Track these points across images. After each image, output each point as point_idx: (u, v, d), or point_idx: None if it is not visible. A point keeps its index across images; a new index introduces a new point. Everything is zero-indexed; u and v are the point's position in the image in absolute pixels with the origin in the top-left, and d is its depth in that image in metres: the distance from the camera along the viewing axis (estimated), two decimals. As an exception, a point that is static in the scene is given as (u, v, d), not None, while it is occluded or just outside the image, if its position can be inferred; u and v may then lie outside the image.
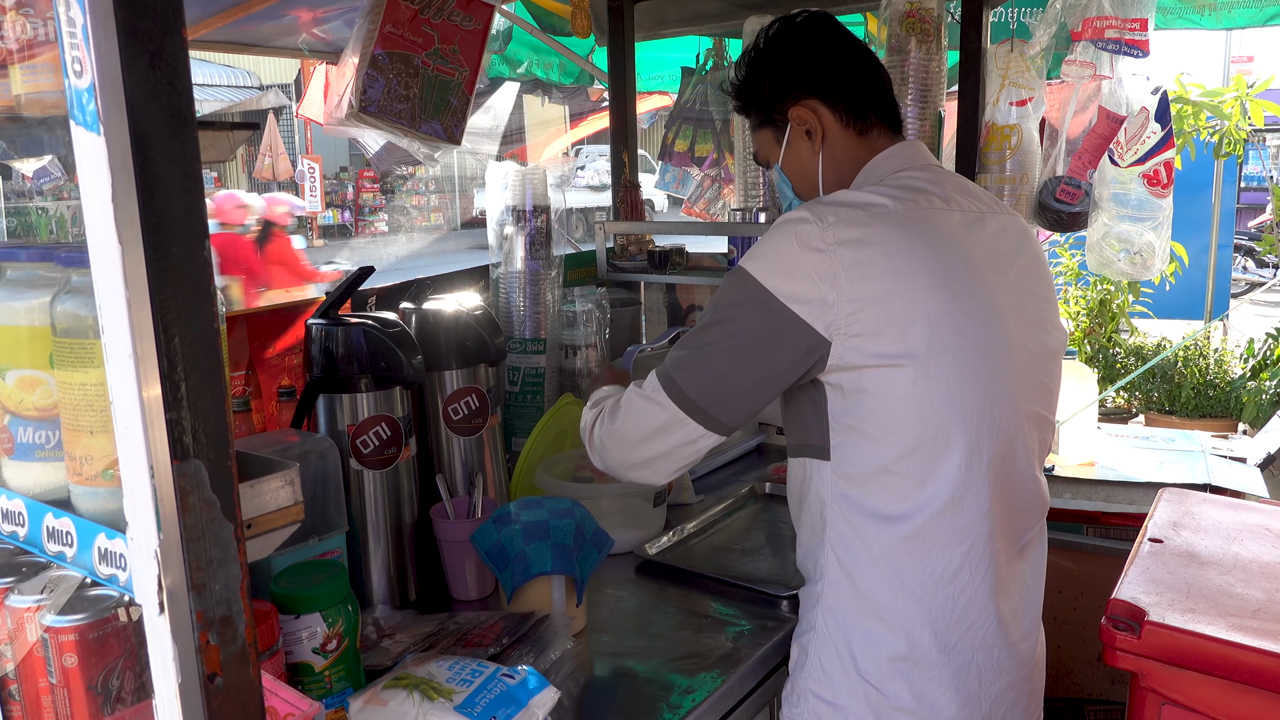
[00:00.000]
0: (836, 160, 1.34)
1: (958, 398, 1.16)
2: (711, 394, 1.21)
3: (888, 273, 1.14)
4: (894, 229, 1.17)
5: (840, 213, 1.17)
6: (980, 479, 1.19)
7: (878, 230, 1.16)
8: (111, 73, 0.60)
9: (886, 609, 1.21)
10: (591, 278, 2.39)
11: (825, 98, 1.32)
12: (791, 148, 1.36)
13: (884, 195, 1.21)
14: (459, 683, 1.10)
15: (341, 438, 1.47)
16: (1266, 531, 1.81)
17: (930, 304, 1.15)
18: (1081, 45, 1.91)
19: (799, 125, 1.34)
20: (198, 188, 0.64)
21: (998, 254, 1.26)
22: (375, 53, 1.32)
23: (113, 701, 0.81)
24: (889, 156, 1.30)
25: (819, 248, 1.14)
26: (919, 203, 1.22)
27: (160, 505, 0.64)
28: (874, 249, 1.15)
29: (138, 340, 0.62)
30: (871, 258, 1.14)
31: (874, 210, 1.19)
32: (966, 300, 1.17)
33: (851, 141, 1.33)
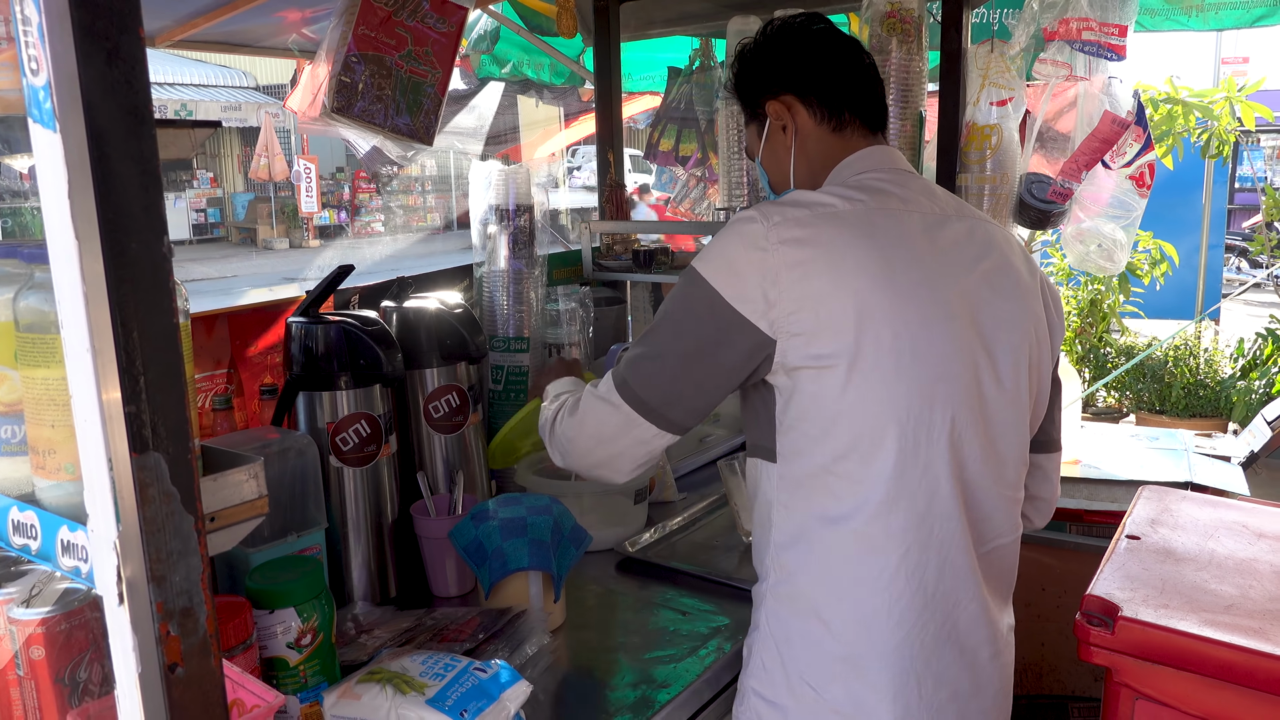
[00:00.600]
0: (808, 156, 1.35)
1: (892, 399, 1.15)
2: (663, 395, 1.22)
3: (826, 272, 1.14)
4: (838, 229, 1.18)
5: (786, 212, 1.18)
6: (915, 483, 1.17)
7: (821, 230, 1.17)
8: (67, 70, 0.60)
9: (826, 610, 1.20)
10: (577, 277, 2.40)
11: (800, 94, 1.34)
12: (769, 141, 1.39)
13: (836, 196, 1.22)
14: (432, 677, 1.11)
15: (321, 435, 1.48)
16: (1243, 529, 1.83)
17: (868, 304, 1.14)
18: (1056, 45, 1.92)
19: (775, 119, 1.36)
20: (156, 185, 0.65)
21: (957, 258, 1.24)
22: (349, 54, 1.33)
23: (80, 694, 0.82)
24: (859, 158, 1.31)
25: (762, 247, 1.15)
26: (872, 203, 1.22)
27: (119, 497, 0.65)
28: (815, 249, 1.15)
29: (95, 335, 0.63)
30: (812, 257, 1.15)
31: (820, 210, 1.19)
32: (909, 302, 1.16)
33: (825, 139, 1.34)
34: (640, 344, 1.25)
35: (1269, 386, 4.93)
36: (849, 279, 1.14)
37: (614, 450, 1.28)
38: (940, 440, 1.18)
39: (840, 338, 1.14)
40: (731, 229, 1.19)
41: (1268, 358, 5.17)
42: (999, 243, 1.31)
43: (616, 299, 2.46)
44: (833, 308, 1.14)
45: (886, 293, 1.15)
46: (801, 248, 1.15)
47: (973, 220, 1.31)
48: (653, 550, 1.76)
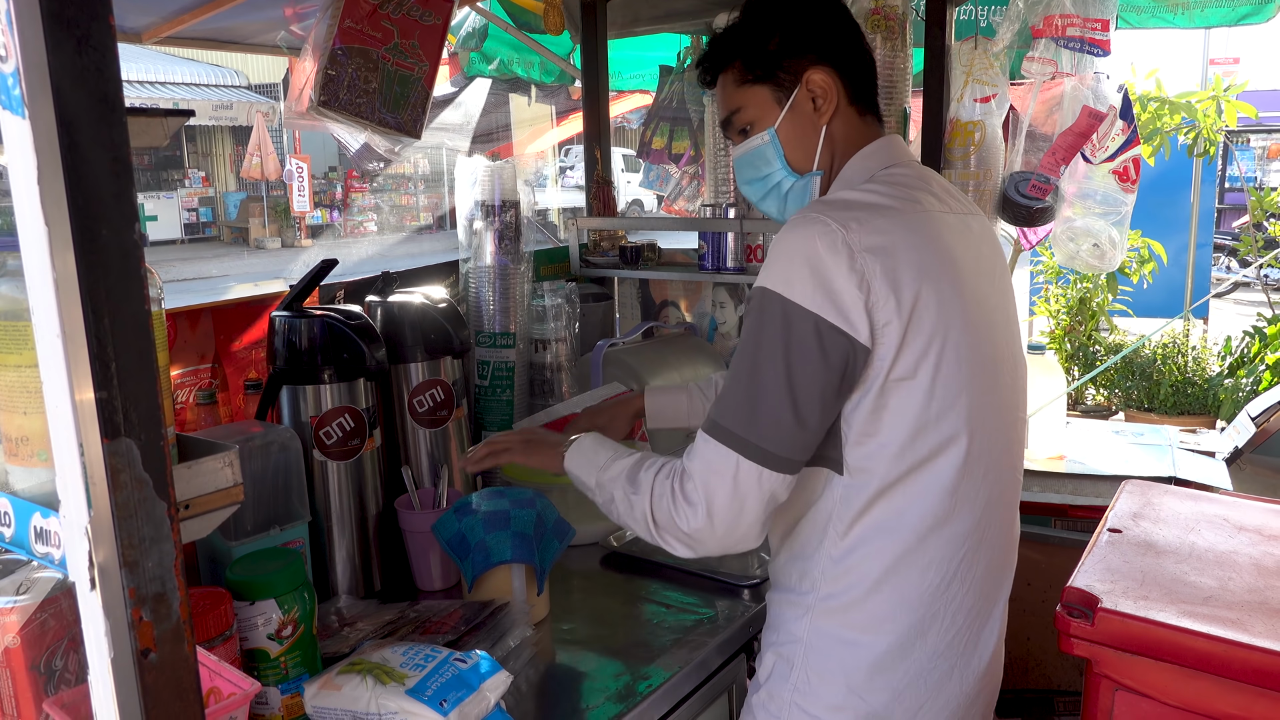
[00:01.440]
0: (835, 138, 1.26)
1: (969, 410, 1.15)
2: (756, 424, 1.10)
3: (914, 281, 1.10)
4: (910, 234, 1.13)
5: (857, 216, 1.11)
6: (974, 492, 1.18)
7: (898, 237, 1.12)
8: (36, 57, 0.61)
9: (885, 621, 1.18)
10: (564, 273, 2.41)
11: (840, 68, 1.24)
12: (794, 114, 1.25)
13: (886, 196, 1.17)
14: (412, 667, 1.11)
15: (305, 429, 1.48)
16: (1224, 522, 1.84)
17: (946, 313, 1.12)
18: (1043, 43, 1.93)
19: (809, 91, 1.24)
20: (126, 172, 0.65)
21: (982, 259, 1.23)
22: (334, 47, 1.33)
23: (56, 682, 0.82)
24: (878, 149, 1.25)
25: (847, 255, 1.08)
26: (922, 204, 1.19)
27: (91, 483, 0.66)
28: (898, 257, 1.10)
29: (66, 322, 0.63)
30: (898, 266, 1.10)
31: (889, 214, 1.14)
32: (971, 309, 1.15)
33: (853, 122, 1.27)
34: (729, 384, 1.14)
35: (1256, 384, 4.95)
36: (931, 288, 1.11)
37: (750, 518, 1.14)
38: (996, 448, 1.19)
39: (927, 350, 1.11)
40: (801, 237, 1.10)
41: (1255, 356, 5.20)
42: (994, 238, 1.31)
43: (603, 295, 2.47)
44: (921, 318, 1.10)
45: (957, 303, 1.13)
46: (887, 256, 1.10)
47: (979, 217, 1.30)
48: (637, 545, 1.77)
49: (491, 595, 1.44)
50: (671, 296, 2.56)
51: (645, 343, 2.29)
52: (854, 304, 1.08)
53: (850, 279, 1.08)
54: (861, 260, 1.08)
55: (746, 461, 1.11)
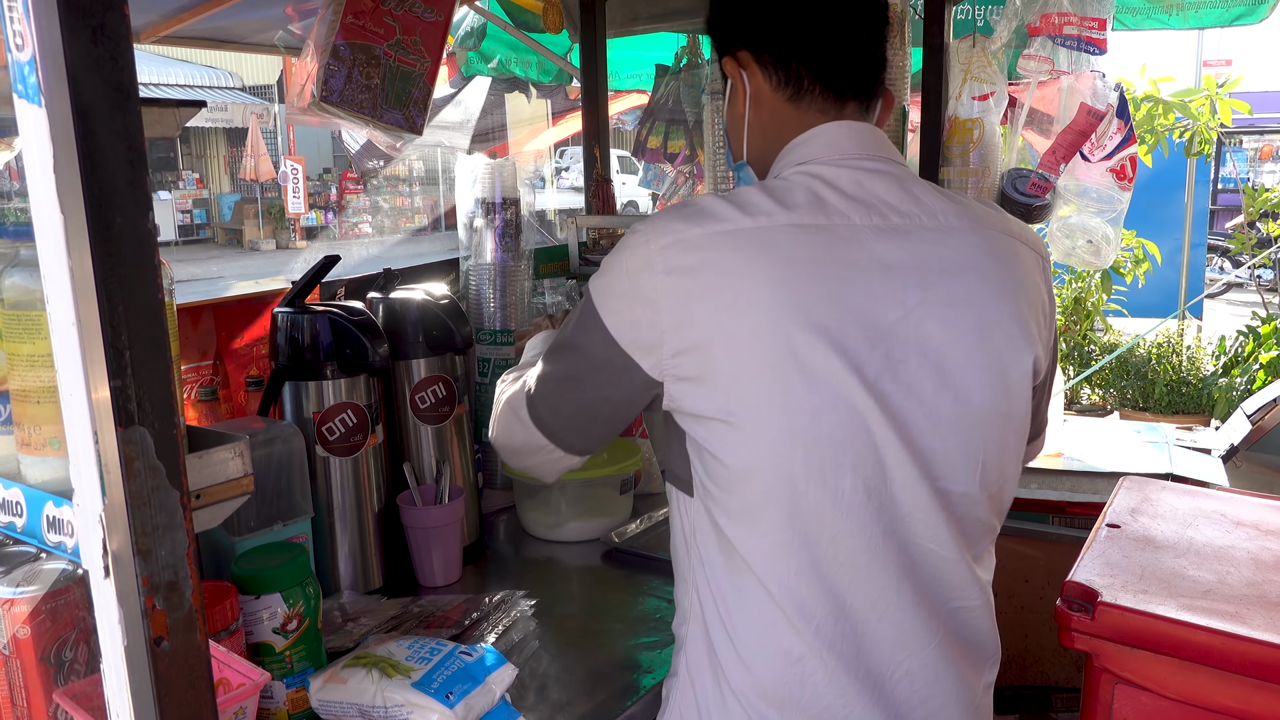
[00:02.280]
0: (762, 126, 1.15)
1: (783, 467, 0.98)
2: (565, 422, 1.16)
3: (714, 314, 0.97)
4: (734, 256, 0.97)
5: (677, 232, 0.99)
6: (817, 556, 1.00)
7: (713, 257, 0.97)
8: (53, 46, 0.61)
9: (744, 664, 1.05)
10: (563, 271, 2.41)
11: (753, 50, 1.12)
12: (730, 103, 1.19)
13: (744, 205, 1.00)
14: (417, 660, 1.12)
15: (308, 425, 1.48)
16: (1222, 517, 1.85)
17: (759, 354, 0.96)
18: (1039, 40, 1.95)
19: (730, 79, 1.17)
20: (141, 161, 0.66)
21: (914, 280, 1.01)
22: (337, 43, 1.33)
23: (66, 673, 0.82)
24: (807, 140, 1.09)
25: (648, 276, 0.99)
26: (790, 217, 1.00)
27: (105, 471, 0.66)
28: (704, 281, 0.97)
29: (81, 310, 0.64)
30: (699, 291, 0.97)
31: (717, 230, 0.98)
32: (817, 349, 0.96)
33: (782, 109, 1.12)
34: (549, 359, 1.15)
35: (1250, 383, 4.98)
36: (736, 322, 0.96)
37: (531, 461, 1.25)
38: (858, 513, 1.00)
39: (727, 394, 0.97)
40: (622, 247, 1.04)
41: (1249, 355, 5.23)
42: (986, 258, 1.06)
43: (603, 293, 2.47)
44: (717, 355, 0.97)
45: (780, 339, 0.96)
46: (689, 278, 0.97)
47: (960, 234, 1.05)
48: (638, 540, 1.77)
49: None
50: (670, 295, 2.56)
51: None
52: (641, 330, 1.00)
53: (644, 301, 0.99)
54: (661, 283, 0.98)
55: (537, 433, 1.18)
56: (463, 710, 1.06)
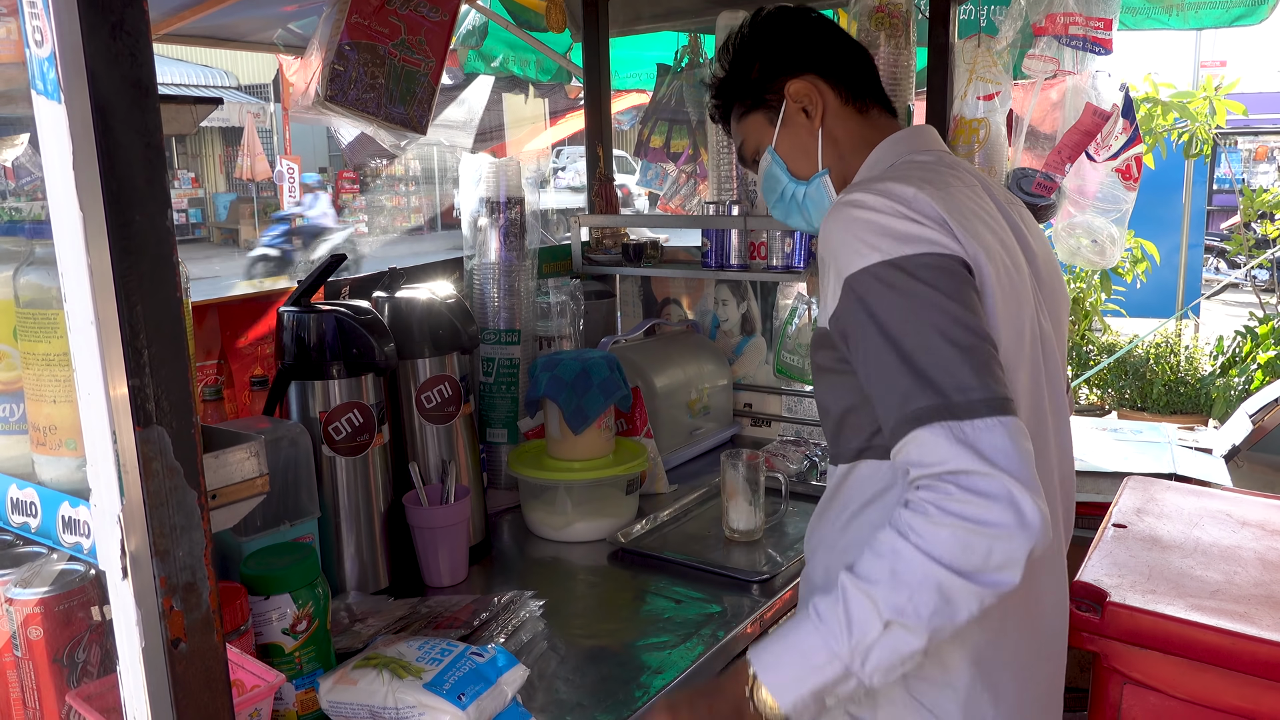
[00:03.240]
0: (835, 138, 1.28)
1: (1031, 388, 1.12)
2: (947, 380, 0.94)
3: (985, 229, 1.08)
4: (957, 197, 1.09)
5: (888, 186, 1.08)
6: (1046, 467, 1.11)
7: (946, 196, 1.08)
8: (72, 42, 0.61)
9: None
10: (567, 271, 2.41)
11: (822, 73, 1.27)
12: (788, 127, 1.29)
13: (914, 175, 1.12)
14: (428, 661, 1.11)
15: (314, 424, 1.48)
16: (1227, 517, 1.85)
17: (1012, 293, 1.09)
18: (1045, 40, 1.95)
19: (796, 102, 1.27)
20: (160, 158, 0.65)
21: (1037, 244, 1.21)
22: (342, 42, 1.33)
23: (79, 674, 0.82)
24: (904, 138, 1.25)
25: (903, 202, 1.05)
26: (953, 185, 1.12)
27: (123, 471, 0.65)
28: (963, 205, 1.08)
29: (100, 306, 0.63)
30: (963, 210, 1.07)
31: (921, 185, 1.08)
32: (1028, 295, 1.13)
33: (852, 119, 1.28)
34: (905, 375, 0.96)
35: (1248, 383, 4.98)
36: (1003, 236, 1.11)
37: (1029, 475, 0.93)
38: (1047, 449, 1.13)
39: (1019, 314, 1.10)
40: (846, 218, 1.06)
41: (1247, 355, 5.23)
42: (1041, 233, 1.27)
43: (606, 292, 2.47)
44: (1003, 264, 1.08)
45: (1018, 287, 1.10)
46: (951, 201, 1.07)
47: (1022, 207, 1.27)
48: (644, 541, 1.77)
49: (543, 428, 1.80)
50: (673, 294, 2.56)
51: (648, 340, 2.29)
52: (939, 232, 1.03)
53: (924, 214, 1.04)
54: (925, 203, 1.04)
55: (976, 421, 0.92)
56: (475, 711, 1.05)
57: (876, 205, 1.05)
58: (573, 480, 1.76)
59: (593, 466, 1.78)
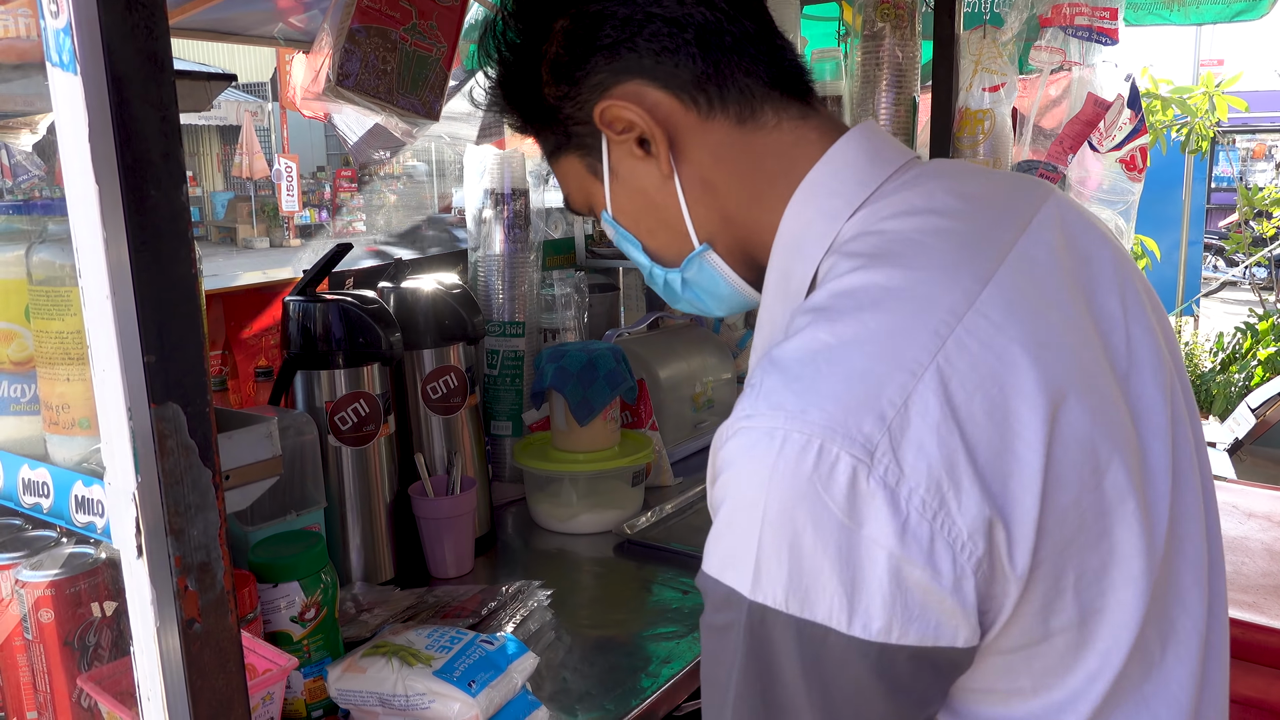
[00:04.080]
0: (711, 181, 0.76)
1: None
2: None
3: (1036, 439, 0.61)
4: (994, 339, 0.62)
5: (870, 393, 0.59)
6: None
7: (974, 362, 0.61)
8: (88, 13, 0.60)
9: None
10: (570, 263, 2.40)
11: (651, 72, 0.74)
12: (621, 176, 0.79)
13: (907, 275, 0.65)
14: (438, 649, 1.10)
15: (319, 414, 1.47)
16: (1234, 509, 1.85)
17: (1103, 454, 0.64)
18: (1050, 31, 1.95)
19: (619, 136, 0.76)
20: (175, 133, 0.65)
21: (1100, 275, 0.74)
22: (353, 27, 1.32)
23: (90, 657, 0.81)
24: (841, 171, 0.73)
25: (886, 501, 0.58)
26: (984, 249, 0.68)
27: (138, 448, 0.65)
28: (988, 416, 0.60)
29: (115, 282, 0.63)
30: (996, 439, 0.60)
31: (926, 319, 0.62)
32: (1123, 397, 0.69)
33: (730, 141, 0.75)
34: None
35: (1249, 380, 4.99)
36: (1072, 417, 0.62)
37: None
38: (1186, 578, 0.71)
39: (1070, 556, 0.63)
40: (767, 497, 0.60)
41: (1247, 351, 5.24)
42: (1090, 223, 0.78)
43: (609, 286, 2.46)
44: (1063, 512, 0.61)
45: (1112, 406, 0.66)
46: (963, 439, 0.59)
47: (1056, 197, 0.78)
48: (650, 533, 1.76)
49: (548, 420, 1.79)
50: (677, 288, 2.55)
51: (652, 333, 2.29)
52: (923, 576, 0.58)
53: (900, 530, 0.57)
54: (919, 500, 0.57)
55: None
56: (485, 699, 1.04)
57: (813, 494, 0.58)
58: (578, 472, 1.76)
59: (598, 458, 1.77)
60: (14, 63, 0.75)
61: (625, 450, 1.82)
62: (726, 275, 0.81)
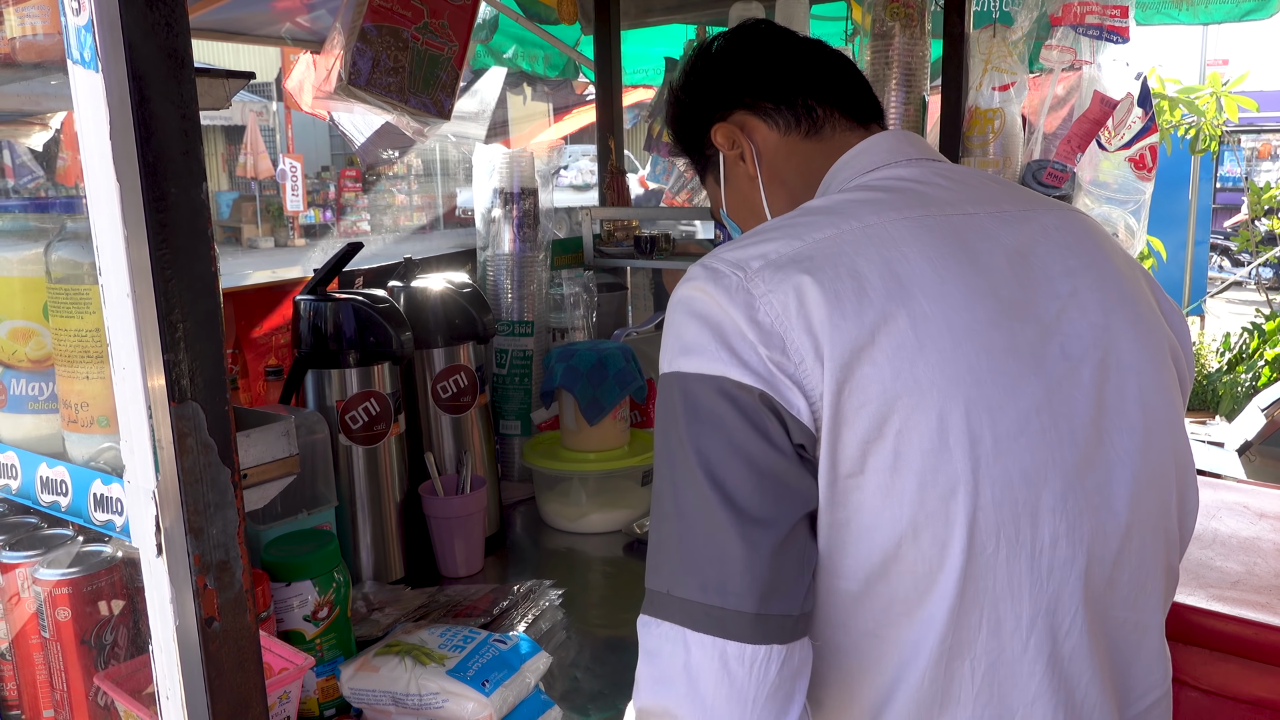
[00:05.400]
0: (784, 179, 1.03)
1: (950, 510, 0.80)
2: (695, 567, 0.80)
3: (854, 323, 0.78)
4: (860, 251, 0.80)
5: (763, 248, 0.81)
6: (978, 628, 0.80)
7: (834, 259, 0.80)
8: (109, 10, 0.60)
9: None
10: (579, 263, 2.40)
11: (749, 103, 1.04)
12: (731, 184, 1.08)
13: (831, 211, 0.85)
14: (451, 649, 1.10)
15: (330, 413, 1.47)
16: (1244, 509, 1.84)
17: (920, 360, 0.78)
18: (1061, 30, 1.94)
19: (727, 149, 1.05)
20: (195, 130, 0.65)
21: (1044, 273, 0.85)
22: (365, 25, 1.32)
23: (106, 655, 0.81)
24: (855, 156, 0.97)
25: (744, 301, 0.79)
26: (908, 207, 0.85)
27: (158, 447, 0.64)
28: (830, 288, 0.78)
29: (136, 280, 0.63)
30: (829, 301, 0.77)
31: (820, 230, 0.82)
32: (985, 346, 0.79)
33: (800, 150, 1.02)
34: (668, 531, 0.79)
35: (1256, 380, 4.98)
36: (888, 325, 0.76)
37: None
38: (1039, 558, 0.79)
39: (882, 423, 0.75)
40: (682, 295, 0.82)
41: (1254, 351, 5.23)
42: (1096, 241, 0.90)
43: (617, 285, 2.46)
44: (867, 373, 0.76)
45: (945, 337, 0.77)
46: (806, 291, 0.77)
47: (1059, 212, 0.91)
48: (659, 532, 1.76)
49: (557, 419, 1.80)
50: (685, 287, 2.55)
51: (660, 332, 2.28)
52: (770, 362, 0.75)
53: (754, 331, 0.76)
54: (765, 304, 0.76)
55: (697, 637, 0.74)
56: (499, 698, 1.04)
57: (710, 287, 0.79)
58: (588, 471, 1.76)
59: (608, 458, 1.77)
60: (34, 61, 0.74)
61: (635, 449, 1.82)
62: None
